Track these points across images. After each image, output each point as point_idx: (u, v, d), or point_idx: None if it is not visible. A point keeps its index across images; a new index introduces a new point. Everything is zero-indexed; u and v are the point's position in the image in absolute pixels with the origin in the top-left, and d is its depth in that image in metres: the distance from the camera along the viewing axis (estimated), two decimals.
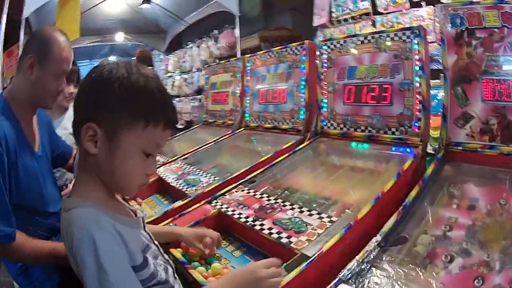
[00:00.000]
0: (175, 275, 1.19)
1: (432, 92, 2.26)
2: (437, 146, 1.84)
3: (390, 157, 1.97)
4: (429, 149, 1.94)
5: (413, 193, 1.56)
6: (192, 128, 4.15)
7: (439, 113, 1.87)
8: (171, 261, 1.20)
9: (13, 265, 1.53)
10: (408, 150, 1.93)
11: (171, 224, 1.71)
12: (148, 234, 1.15)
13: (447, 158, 1.75)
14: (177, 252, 1.49)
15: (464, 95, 1.71)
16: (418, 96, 1.90)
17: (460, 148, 1.73)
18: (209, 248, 1.49)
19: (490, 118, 1.63)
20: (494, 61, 1.61)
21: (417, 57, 1.91)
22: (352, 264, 1.26)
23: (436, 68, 2.67)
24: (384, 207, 1.58)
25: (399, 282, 1.16)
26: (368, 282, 1.18)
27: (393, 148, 2.00)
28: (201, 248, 1.48)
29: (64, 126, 2.46)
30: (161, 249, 1.18)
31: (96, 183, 1.00)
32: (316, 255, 1.32)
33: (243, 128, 3.17)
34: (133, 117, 0.95)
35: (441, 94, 2.28)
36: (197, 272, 1.37)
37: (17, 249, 1.34)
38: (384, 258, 1.28)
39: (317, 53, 2.46)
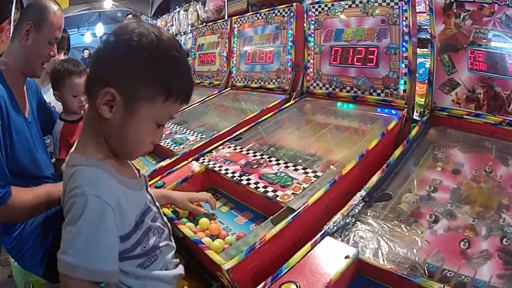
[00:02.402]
0: (171, 237, 1.15)
1: (420, 60, 2.23)
2: (420, 114, 1.81)
3: (375, 117, 1.92)
4: (415, 116, 1.89)
5: (397, 152, 1.52)
6: None
7: (426, 81, 1.83)
8: (168, 224, 1.16)
9: (7, 238, 1.48)
10: (393, 111, 1.88)
11: (159, 182, 1.64)
12: (151, 195, 1.10)
13: (432, 123, 1.72)
14: (166, 209, 1.44)
15: (451, 62, 1.66)
16: (404, 60, 1.85)
17: (445, 113, 1.69)
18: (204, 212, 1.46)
19: (476, 87, 1.58)
20: (482, 34, 1.55)
21: (404, 23, 1.85)
22: (337, 218, 1.22)
23: (424, 37, 2.60)
24: (368, 165, 1.54)
25: (384, 237, 1.12)
26: (354, 236, 1.15)
27: (378, 109, 1.96)
28: (196, 210, 1.44)
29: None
30: (161, 211, 1.14)
31: (102, 144, 0.95)
32: (301, 208, 1.28)
33: (229, 88, 3.08)
34: (155, 90, 0.88)
35: (429, 63, 2.19)
36: (187, 228, 1.32)
37: (13, 203, 1.28)
38: (368, 213, 1.25)
39: (305, 15, 2.37)
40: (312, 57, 2.32)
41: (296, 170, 1.53)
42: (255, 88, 2.84)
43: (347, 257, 1.03)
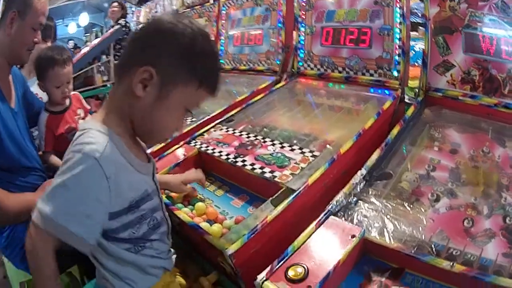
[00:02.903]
0: (169, 235, 1.12)
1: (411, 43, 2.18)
2: (414, 94, 1.79)
3: (368, 98, 1.88)
4: (406, 100, 1.86)
5: (394, 131, 1.50)
6: None
7: (416, 64, 1.81)
8: (169, 220, 1.12)
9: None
10: (386, 92, 1.85)
11: None
12: (156, 184, 1.06)
13: (427, 103, 1.69)
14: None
15: (446, 44, 1.63)
16: (397, 42, 1.82)
17: (440, 94, 1.67)
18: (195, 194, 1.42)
19: (472, 69, 1.55)
20: (478, 18, 1.52)
21: (398, 5, 1.81)
22: (340, 197, 1.19)
23: (414, 21, 2.57)
24: (365, 145, 1.51)
25: (388, 216, 1.10)
26: (357, 215, 1.13)
27: (371, 90, 1.93)
28: (189, 192, 1.40)
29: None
30: (163, 205, 1.10)
31: (124, 120, 0.94)
32: (301, 188, 1.24)
33: None
34: (191, 76, 0.90)
35: (418, 46, 2.25)
36: (183, 213, 1.26)
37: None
38: (370, 192, 1.23)
39: None
40: (303, 38, 2.26)
41: (292, 150, 1.48)
42: (244, 71, 2.76)
43: (353, 236, 1.00)
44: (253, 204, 1.38)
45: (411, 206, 1.14)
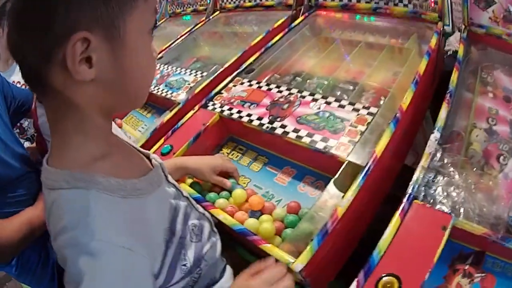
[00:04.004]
0: (214, 228, 0.84)
1: None
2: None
3: (407, 33, 1.49)
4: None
5: (454, 78, 1.17)
6: (157, 24, 3.39)
7: None
8: (207, 214, 0.83)
9: (8, 268, 1.11)
10: (425, 25, 1.47)
11: (165, 146, 1.22)
12: (174, 186, 0.74)
13: (471, 40, 1.38)
14: (184, 186, 1.05)
15: None
16: None
17: (484, 31, 1.36)
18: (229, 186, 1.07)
19: None
20: None
21: None
22: (418, 174, 0.90)
23: None
24: (421, 93, 1.19)
25: (468, 192, 0.86)
26: (439, 195, 0.86)
27: (406, 23, 1.54)
28: (223, 184, 1.06)
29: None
30: (192, 201, 0.79)
31: (87, 130, 0.59)
32: (370, 163, 0.91)
33: (218, 12, 2.53)
34: None
35: None
36: (221, 211, 0.94)
37: None
38: (445, 161, 0.94)
39: None
40: None
41: (341, 106, 1.13)
42: (249, 8, 2.31)
43: (444, 228, 0.77)
44: (304, 180, 1.07)
45: (482, 172, 0.92)
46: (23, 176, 1.10)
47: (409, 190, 0.86)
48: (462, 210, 0.84)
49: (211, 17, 2.50)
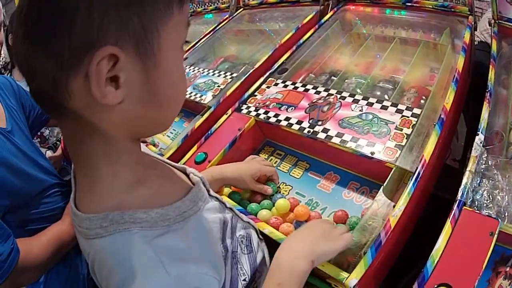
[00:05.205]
0: (260, 236, 0.83)
1: None
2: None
3: (440, 27, 1.47)
4: None
5: (491, 75, 1.17)
6: None
7: None
8: (251, 222, 0.81)
9: (36, 284, 1.06)
10: (456, 19, 1.46)
11: (199, 154, 1.20)
12: (217, 198, 0.70)
13: (501, 35, 1.39)
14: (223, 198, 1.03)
15: None
16: None
17: None
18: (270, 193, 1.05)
19: None
20: None
21: None
22: (467, 179, 0.89)
23: None
24: (460, 92, 1.16)
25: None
26: (486, 200, 0.87)
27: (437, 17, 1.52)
28: (263, 190, 1.03)
29: None
30: (236, 211, 0.76)
31: (118, 164, 0.52)
32: (420, 169, 0.89)
33: (242, 9, 2.49)
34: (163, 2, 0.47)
35: None
36: (266, 225, 0.91)
37: (26, 261, 0.88)
38: (490, 163, 0.94)
39: None
40: None
41: (384, 108, 1.09)
42: (274, 4, 2.26)
43: (492, 234, 0.78)
44: (348, 186, 1.04)
45: None
46: (46, 189, 1.07)
47: (458, 197, 0.86)
48: (506, 213, 0.84)
49: (234, 15, 2.47)
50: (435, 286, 0.72)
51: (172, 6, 0.48)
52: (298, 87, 1.33)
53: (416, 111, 1.05)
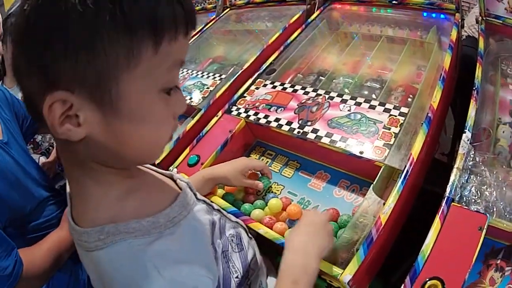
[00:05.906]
0: (249, 234, 0.86)
1: None
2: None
3: (426, 25, 1.51)
4: None
5: (478, 73, 1.20)
6: None
7: None
8: (240, 221, 0.83)
9: None
10: (442, 16, 1.50)
11: (192, 156, 1.21)
12: (204, 201, 0.72)
13: (488, 32, 1.42)
14: (216, 199, 1.05)
15: None
16: None
17: (501, 21, 1.42)
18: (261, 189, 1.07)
19: None
20: None
21: None
22: (455, 176, 0.92)
23: None
24: (447, 90, 1.20)
25: (499, 190, 0.89)
26: (473, 195, 0.89)
27: (424, 14, 1.56)
28: (255, 186, 1.05)
29: None
30: (224, 212, 0.79)
31: (105, 184, 0.54)
32: (408, 167, 0.92)
33: (228, 9, 2.51)
34: (132, 39, 0.43)
35: None
36: (260, 225, 0.94)
37: (30, 272, 0.90)
38: (477, 159, 0.97)
39: None
40: None
41: (372, 107, 1.13)
42: (261, 3, 2.29)
43: (481, 229, 0.80)
44: (339, 184, 1.07)
45: (510, 169, 0.95)
46: (42, 202, 1.08)
47: (447, 193, 0.88)
48: (494, 208, 0.86)
49: (221, 15, 2.48)
50: (427, 279, 0.75)
51: (139, 51, 0.44)
52: (286, 88, 1.35)
53: (404, 110, 1.08)
